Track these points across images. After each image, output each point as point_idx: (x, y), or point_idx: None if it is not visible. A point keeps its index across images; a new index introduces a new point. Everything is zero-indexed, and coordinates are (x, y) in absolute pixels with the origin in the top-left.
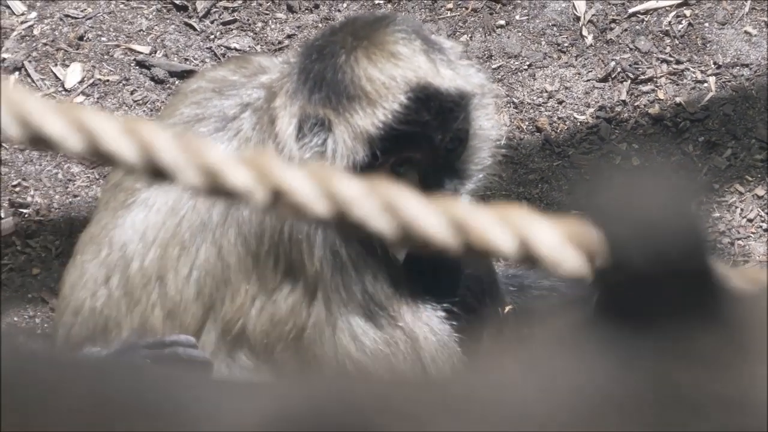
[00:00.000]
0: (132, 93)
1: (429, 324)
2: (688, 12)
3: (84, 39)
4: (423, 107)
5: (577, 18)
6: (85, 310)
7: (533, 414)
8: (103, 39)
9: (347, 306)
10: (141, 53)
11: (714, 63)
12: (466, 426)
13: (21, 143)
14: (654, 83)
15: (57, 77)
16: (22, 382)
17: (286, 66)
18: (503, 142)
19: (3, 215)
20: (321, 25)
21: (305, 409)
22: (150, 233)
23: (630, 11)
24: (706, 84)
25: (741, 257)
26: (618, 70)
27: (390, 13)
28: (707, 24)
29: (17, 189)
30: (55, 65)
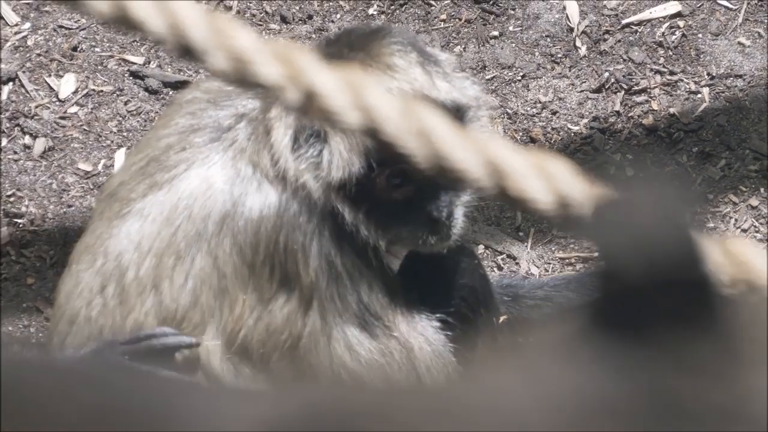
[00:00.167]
0: (126, 103)
1: (424, 334)
2: (681, 23)
3: (78, 49)
4: None
5: (571, 29)
6: (81, 319)
7: (528, 422)
8: (97, 49)
9: (342, 316)
10: (135, 64)
11: (708, 74)
12: None
13: None
14: (648, 94)
15: (51, 88)
16: (18, 389)
17: None
18: None
19: None
20: (314, 36)
21: (300, 417)
22: (145, 243)
23: (623, 22)
24: (699, 95)
25: None
26: (612, 80)
27: (385, 25)
28: (701, 35)
29: (12, 199)
30: (49, 76)
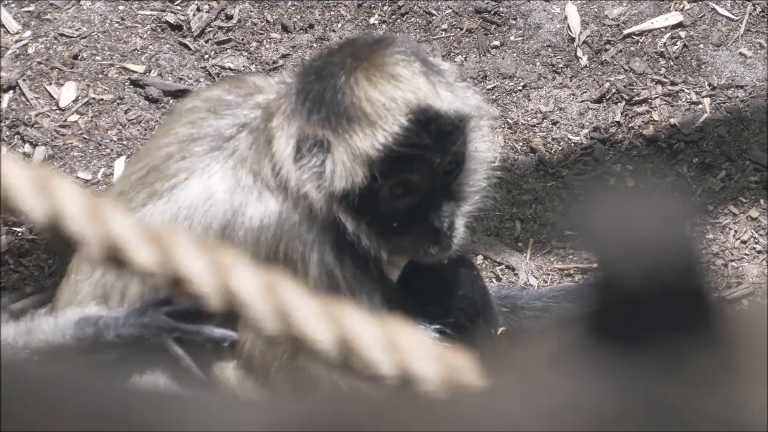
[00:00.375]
0: (126, 112)
1: None
2: (683, 33)
3: (78, 58)
4: (423, 129)
5: (572, 39)
6: None
7: None
8: (98, 58)
9: None
10: (135, 72)
11: (709, 84)
12: None
13: None
14: (648, 104)
15: (51, 96)
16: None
17: (282, 86)
18: (497, 162)
19: None
20: (316, 45)
21: (298, 427)
22: None
23: (625, 32)
24: (700, 105)
25: (735, 279)
26: (612, 91)
27: (388, 35)
28: (702, 45)
29: None
30: (50, 84)
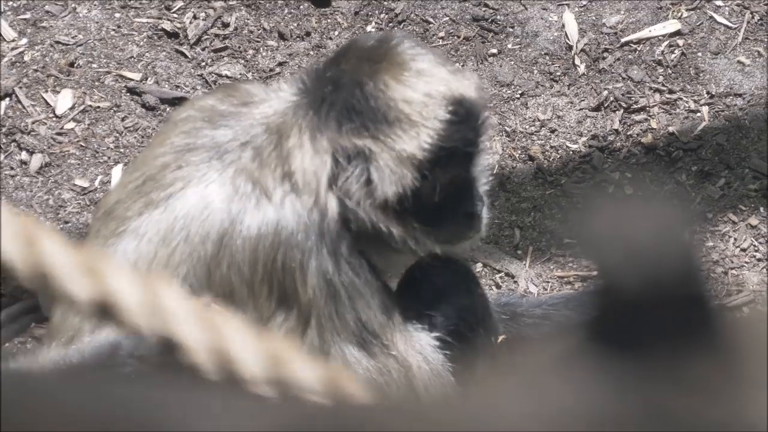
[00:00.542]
0: (123, 119)
1: (422, 353)
2: (681, 41)
3: (75, 65)
4: (463, 120)
5: (570, 47)
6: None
7: None
8: (94, 65)
9: (340, 334)
10: (132, 80)
11: (707, 92)
12: None
13: None
14: (647, 112)
15: (48, 103)
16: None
17: (282, 102)
18: (495, 170)
19: None
20: (312, 53)
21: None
22: (142, 263)
23: (623, 40)
24: (699, 113)
25: (734, 287)
26: (611, 99)
27: (387, 33)
28: (700, 53)
29: None
30: (46, 91)
